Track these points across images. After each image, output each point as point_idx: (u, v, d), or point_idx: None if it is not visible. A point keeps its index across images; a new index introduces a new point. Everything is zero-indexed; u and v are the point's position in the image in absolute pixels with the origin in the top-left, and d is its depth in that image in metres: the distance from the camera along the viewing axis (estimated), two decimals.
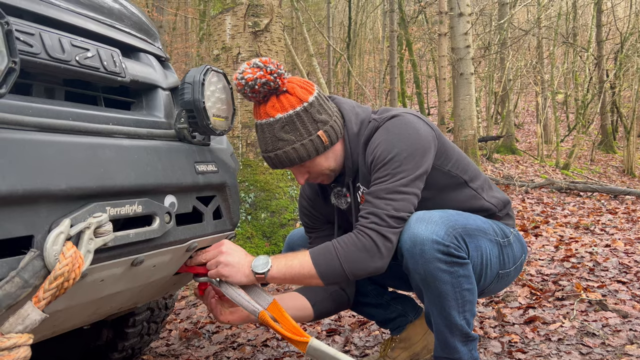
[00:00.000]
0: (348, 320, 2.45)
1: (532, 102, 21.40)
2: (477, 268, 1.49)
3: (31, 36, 1.05)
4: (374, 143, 1.48)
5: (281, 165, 1.48)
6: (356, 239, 1.40)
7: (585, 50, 13.70)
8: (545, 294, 2.65)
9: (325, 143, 1.48)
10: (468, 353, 1.51)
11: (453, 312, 1.44)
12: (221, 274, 1.42)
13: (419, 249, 1.38)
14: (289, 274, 1.42)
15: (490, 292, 1.69)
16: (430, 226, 1.39)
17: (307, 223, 1.78)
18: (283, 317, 1.42)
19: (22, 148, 0.93)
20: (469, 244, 1.44)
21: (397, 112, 1.53)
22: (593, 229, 4.55)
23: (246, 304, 1.41)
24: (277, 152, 1.46)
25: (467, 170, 1.62)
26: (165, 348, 2.34)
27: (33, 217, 0.94)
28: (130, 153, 1.17)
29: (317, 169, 1.52)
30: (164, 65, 1.58)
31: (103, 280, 1.15)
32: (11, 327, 0.90)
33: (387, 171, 1.43)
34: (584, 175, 10.69)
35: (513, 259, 1.63)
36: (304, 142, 1.45)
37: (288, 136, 1.44)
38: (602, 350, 1.92)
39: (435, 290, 1.42)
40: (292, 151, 1.45)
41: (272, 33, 3.70)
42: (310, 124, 1.45)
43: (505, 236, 1.61)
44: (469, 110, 8.03)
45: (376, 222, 1.40)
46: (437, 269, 1.39)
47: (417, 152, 1.45)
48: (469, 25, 8.25)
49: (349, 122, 1.55)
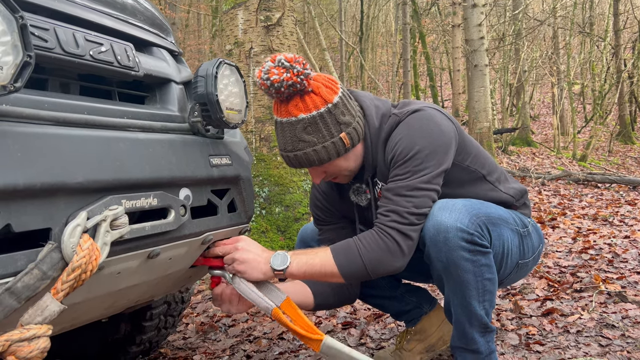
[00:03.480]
0: (363, 313, 2.45)
1: (547, 93, 21.11)
2: (498, 257, 1.48)
3: (46, 31, 1.06)
4: (395, 139, 1.45)
5: (299, 165, 1.45)
6: (379, 239, 1.38)
7: (602, 40, 13.48)
8: (563, 286, 2.62)
9: (347, 145, 1.43)
10: (485, 344, 1.50)
11: (473, 301, 1.43)
12: (237, 270, 1.42)
13: (442, 237, 1.37)
14: (309, 271, 1.41)
15: (509, 282, 1.68)
16: (455, 214, 1.38)
17: (319, 216, 1.75)
18: (296, 314, 1.42)
19: (39, 142, 0.94)
20: (492, 233, 1.43)
21: (418, 107, 1.49)
22: (612, 220, 4.48)
23: (259, 301, 1.40)
24: (297, 153, 1.42)
25: (485, 165, 1.60)
26: (183, 341, 2.36)
27: (50, 210, 0.95)
28: (145, 146, 1.18)
29: (335, 170, 1.50)
30: (177, 59, 1.58)
31: (120, 273, 1.16)
32: (30, 318, 0.91)
33: (408, 168, 1.41)
34: (601, 166, 10.52)
35: (532, 248, 1.62)
36: (326, 145, 1.40)
37: (310, 137, 1.39)
38: (621, 342, 1.89)
39: (457, 278, 1.41)
40: (313, 153, 1.41)
41: (285, 27, 3.70)
42: (333, 126, 1.40)
43: (525, 226, 1.60)
44: (483, 102, 7.95)
45: (397, 220, 1.38)
46: (460, 257, 1.38)
47: (440, 150, 1.43)
48: (482, 16, 8.15)
49: (369, 116, 1.51)
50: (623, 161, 12.19)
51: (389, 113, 1.52)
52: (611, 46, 13.86)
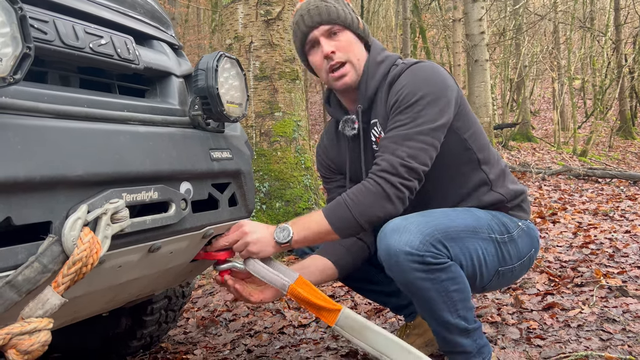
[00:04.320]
0: (364, 307, 2.45)
1: (548, 88, 21.07)
2: (469, 269, 1.44)
3: (45, 23, 1.05)
4: (400, 84, 1.48)
5: (327, 14, 1.51)
6: (363, 187, 1.40)
7: (603, 35, 13.44)
8: (564, 281, 2.62)
9: (360, 27, 1.56)
10: (472, 343, 1.47)
11: (444, 314, 1.41)
12: (252, 251, 1.42)
13: (394, 261, 1.35)
14: (310, 235, 1.43)
15: (493, 288, 1.64)
16: (405, 236, 1.34)
17: (323, 174, 1.80)
18: (312, 289, 1.42)
19: (39, 135, 0.94)
20: (452, 248, 1.39)
21: (424, 60, 1.55)
22: (612, 215, 4.48)
23: (276, 279, 1.41)
24: (321, 4, 1.52)
25: (482, 150, 1.58)
26: (183, 336, 2.36)
27: (51, 203, 0.95)
28: (145, 139, 1.17)
29: (345, 46, 1.54)
30: (177, 52, 1.57)
31: (121, 267, 1.16)
32: (31, 311, 0.91)
33: (408, 114, 1.43)
34: (602, 161, 10.52)
35: (517, 254, 1.56)
36: (346, 10, 1.54)
37: (334, 1, 1.54)
38: (622, 336, 1.89)
39: (421, 296, 1.40)
40: (334, 9, 1.52)
41: (285, 21, 3.68)
42: (352, 10, 1.57)
43: (507, 232, 1.54)
44: (484, 97, 7.94)
45: (387, 169, 1.39)
46: (416, 278, 1.36)
47: (442, 100, 1.44)
48: (483, 11, 8.13)
49: (374, 49, 1.59)
50: (623, 156, 12.19)
51: (395, 61, 1.58)
52: (612, 41, 13.82)
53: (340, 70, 1.55)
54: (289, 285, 1.40)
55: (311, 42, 1.56)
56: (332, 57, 1.53)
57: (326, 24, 1.52)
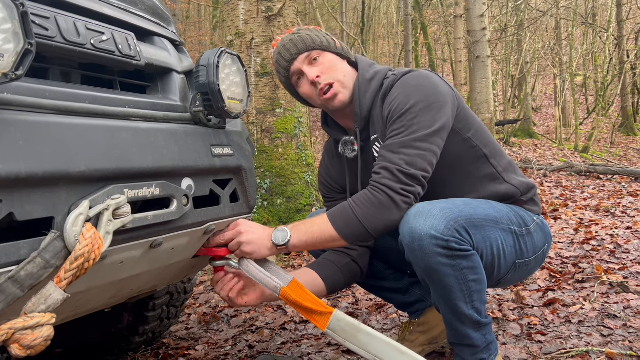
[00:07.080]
0: (365, 303, 2.46)
1: (550, 84, 21.02)
2: (489, 259, 1.45)
3: (46, 19, 1.05)
4: (392, 95, 1.49)
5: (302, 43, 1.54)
6: (370, 195, 1.40)
7: (605, 31, 13.40)
8: (565, 277, 2.62)
9: (338, 46, 1.59)
10: (482, 338, 1.48)
11: (460, 303, 1.41)
12: (245, 252, 1.43)
13: (417, 245, 1.35)
14: (310, 240, 1.43)
15: (509, 282, 1.64)
16: (430, 220, 1.34)
17: (324, 193, 1.80)
18: (305, 293, 1.41)
19: (41, 131, 0.94)
20: (475, 235, 1.39)
21: (415, 69, 1.55)
22: (614, 211, 4.47)
23: (268, 281, 1.41)
24: (301, 34, 1.55)
25: (487, 145, 1.58)
26: (185, 332, 2.37)
27: (53, 199, 0.95)
28: (147, 136, 1.18)
29: (330, 67, 1.55)
30: (179, 49, 1.57)
31: (123, 263, 1.16)
32: (34, 306, 0.92)
33: (402, 123, 1.43)
34: (604, 158, 10.50)
35: (533, 248, 1.57)
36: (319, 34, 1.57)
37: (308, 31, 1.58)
38: (623, 332, 1.90)
39: (439, 283, 1.40)
40: (314, 36, 1.56)
41: (286, 18, 3.68)
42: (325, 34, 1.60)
43: (525, 225, 1.55)
44: (485, 93, 7.92)
45: (388, 177, 1.39)
46: (438, 263, 1.36)
47: (434, 106, 1.44)
48: (485, 7, 8.10)
49: (362, 69, 1.59)
50: (625, 153, 12.16)
51: (386, 74, 1.58)
52: (614, 37, 13.77)
53: (331, 92, 1.55)
54: (280, 288, 1.39)
55: (295, 74, 1.58)
56: (319, 81, 1.54)
57: (304, 52, 1.54)
